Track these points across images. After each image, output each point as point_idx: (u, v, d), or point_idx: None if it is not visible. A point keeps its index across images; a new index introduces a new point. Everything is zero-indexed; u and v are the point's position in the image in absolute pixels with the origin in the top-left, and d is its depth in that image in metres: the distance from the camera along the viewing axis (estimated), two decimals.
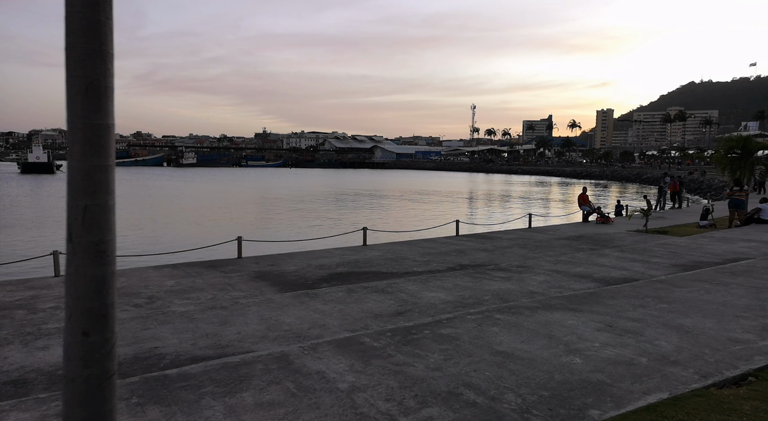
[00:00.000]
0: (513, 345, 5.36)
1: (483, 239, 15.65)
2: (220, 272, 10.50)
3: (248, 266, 11.25)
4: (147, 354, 5.34)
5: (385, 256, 12.38)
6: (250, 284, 9.05)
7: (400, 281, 8.84)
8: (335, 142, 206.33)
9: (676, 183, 25.47)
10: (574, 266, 10.29)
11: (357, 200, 44.84)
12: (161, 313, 6.76)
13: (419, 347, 5.25)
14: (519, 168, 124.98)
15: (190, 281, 9.25)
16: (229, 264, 11.42)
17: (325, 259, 12.10)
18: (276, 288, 8.79)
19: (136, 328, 6.14)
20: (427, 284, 8.61)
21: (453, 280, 8.97)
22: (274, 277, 9.70)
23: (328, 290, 8.17)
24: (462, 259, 11.79)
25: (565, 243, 14.24)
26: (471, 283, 8.76)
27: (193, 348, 5.53)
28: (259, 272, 10.17)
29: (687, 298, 7.35)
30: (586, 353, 5.15)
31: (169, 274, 10.18)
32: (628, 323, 6.12)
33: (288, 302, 7.43)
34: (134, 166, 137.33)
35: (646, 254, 11.61)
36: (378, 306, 7.27)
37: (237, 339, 5.84)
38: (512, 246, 13.71)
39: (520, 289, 8.35)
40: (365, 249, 13.63)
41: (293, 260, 11.89)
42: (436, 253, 12.68)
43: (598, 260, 10.95)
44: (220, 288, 8.73)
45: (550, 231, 17.40)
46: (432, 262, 11.41)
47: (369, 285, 8.56)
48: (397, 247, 13.99)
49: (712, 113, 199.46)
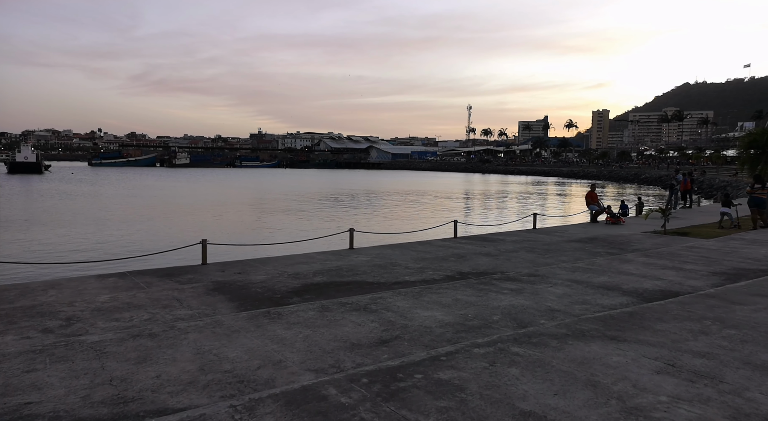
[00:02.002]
0: (543, 400, 3.70)
1: (484, 241, 14.00)
2: (174, 282, 8.81)
3: (211, 274, 9.56)
4: (6, 418, 3.64)
5: (373, 261, 10.71)
6: (203, 300, 7.35)
7: (388, 295, 7.17)
8: (330, 142, 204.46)
9: (687, 181, 23.88)
10: (595, 274, 8.64)
11: (348, 200, 43.16)
12: (65, 344, 5.06)
13: (407, 405, 3.58)
14: (516, 168, 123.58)
15: (131, 295, 7.55)
16: (189, 272, 9.73)
17: (303, 265, 10.43)
18: (233, 304, 7.10)
19: (16, 369, 4.44)
20: (420, 299, 6.94)
21: (452, 293, 7.31)
22: (235, 289, 8.01)
23: (296, 308, 6.49)
24: (462, 265, 10.14)
25: (577, 246, 12.60)
26: (475, 297, 7.10)
27: (81, 405, 3.83)
28: (219, 283, 8.48)
29: (758, 320, 5.70)
30: (654, 414, 3.49)
31: (111, 285, 8.48)
32: (695, 361, 4.47)
33: (241, 325, 5.75)
34: (126, 167, 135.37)
35: (675, 260, 9.97)
36: (357, 331, 5.60)
37: (152, 387, 4.15)
38: (518, 250, 12.06)
39: (536, 305, 6.69)
40: (351, 253, 11.96)
41: (265, 267, 10.21)
42: (431, 258, 11.02)
43: (621, 266, 9.31)
44: (164, 305, 7.03)
45: (557, 232, 15.77)
46: (427, 269, 9.75)
47: (349, 301, 6.89)
48: (388, 251, 12.33)
49: (708, 114, 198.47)
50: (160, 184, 66.23)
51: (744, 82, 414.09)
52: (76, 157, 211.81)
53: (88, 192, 49.76)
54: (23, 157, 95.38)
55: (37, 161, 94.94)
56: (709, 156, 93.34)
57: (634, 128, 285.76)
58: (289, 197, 45.78)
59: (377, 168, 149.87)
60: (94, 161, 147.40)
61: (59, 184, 62.38)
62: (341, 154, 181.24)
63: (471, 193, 55.53)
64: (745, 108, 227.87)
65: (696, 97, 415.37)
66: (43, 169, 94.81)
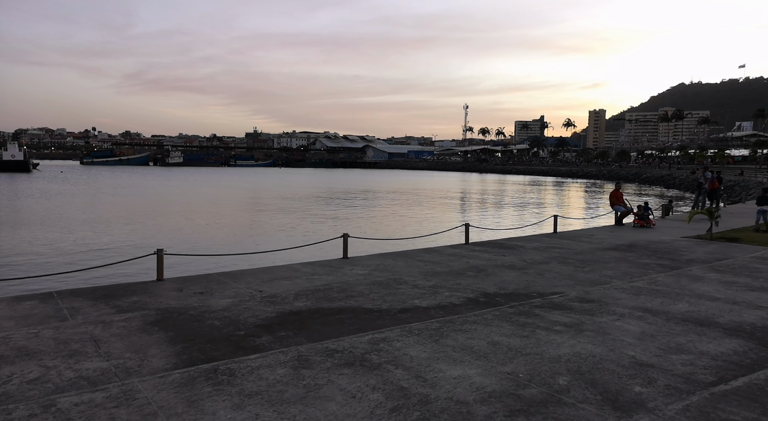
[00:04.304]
0: None
1: (502, 248, 11.87)
2: (110, 307, 6.64)
3: (163, 295, 7.39)
4: None
5: (372, 276, 8.58)
6: (133, 341, 5.19)
7: (395, 335, 5.05)
8: (326, 141, 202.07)
9: (714, 180, 21.81)
10: (668, 299, 6.53)
11: (343, 200, 40.98)
12: None
13: None
14: (513, 168, 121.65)
15: (33, 332, 5.39)
16: (137, 292, 7.55)
17: (284, 281, 8.29)
18: (172, 351, 4.94)
19: None
20: (441, 343, 4.82)
21: (485, 330, 5.20)
22: (185, 321, 5.86)
23: (260, 362, 4.35)
24: (484, 282, 8.01)
25: (617, 256, 10.48)
26: (518, 337, 4.98)
27: None
28: (167, 311, 6.33)
29: None
30: None
31: (24, 312, 6.30)
32: None
33: (163, 402, 3.60)
34: (118, 166, 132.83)
35: (759, 276, 7.87)
36: (349, 413, 3.47)
37: None
38: (548, 261, 9.93)
39: (613, 355, 4.58)
40: (344, 265, 9.80)
41: (236, 284, 8.06)
42: (444, 272, 8.88)
43: (695, 287, 7.20)
44: (71, 351, 4.87)
45: (583, 237, 13.65)
46: (441, 288, 7.62)
47: (339, 346, 4.76)
48: (389, 261, 10.18)
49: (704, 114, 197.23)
50: (147, 183, 63.82)
51: (739, 83, 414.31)
52: (68, 155, 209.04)
53: (69, 191, 47.40)
54: (10, 155, 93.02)
55: (24, 160, 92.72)
56: (713, 155, 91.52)
57: (631, 128, 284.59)
58: (278, 197, 43.57)
59: (373, 167, 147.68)
60: (85, 160, 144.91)
61: (44, 182, 60.01)
62: (337, 154, 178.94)
63: (472, 193, 53.41)
64: (740, 108, 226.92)
65: (691, 98, 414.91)
66: (30, 167, 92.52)
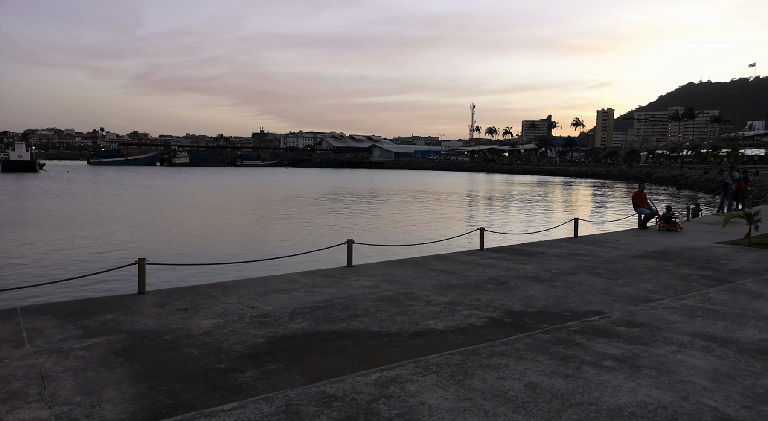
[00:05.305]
0: None
1: (520, 255, 10.88)
2: (77, 329, 5.74)
3: (140, 313, 6.46)
4: None
5: (380, 289, 7.62)
6: (87, 378, 4.25)
7: (407, 375, 4.08)
8: (333, 141, 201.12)
9: (741, 180, 20.67)
10: (731, 323, 5.52)
11: (349, 202, 40.03)
12: None
13: None
14: (521, 167, 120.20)
15: None
16: (112, 308, 6.63)
17: (281, 295, 7.35)
18: (132, 393, 3.99)
19: None
20: (466, 385, 3.85)
21: (519, 367, 4.22)
22: (157, 349, 4.92)
23: (236, 417, 3.39)
24: (507, 298, 7.03)
25: (652, 265, 9.46)
26: (562, 378, 4.00)
27: None
28: (139, 335, 5.39)
29: None
30: None
31: None
32: None
33: None
34: (125, 166, 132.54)
35: None
36: None
37: None
38: (575, 271, 8.93)
39: (689, 406, 3.59)
40: (349, 275, 8.84)
41: (226, 298, 7.13)
42: (460, 284, 7.90)
43: (760, 306, 6.19)
44: (7, 394, 3.93)
45: (608, 243, 12.61)
46: (458, 305, 6.65)
47: (339, 391, 3.79)
48: (398, 270, 9.22)
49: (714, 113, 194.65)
50: (152, 183, 63.18)
51: (749, 82, 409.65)
52: (76, 156, 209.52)
53: (72, 190, 46.74)
54: (17, 155, 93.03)
55: (31, 160, 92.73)
56: (726, 155, 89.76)
57: (640, 127, 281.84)
58: (283, 198, 42.70)
59: (380, 167, 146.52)
60: (92, 160, 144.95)
61: (49, 182, 59.54)
62: (343, 154, 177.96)
63: (481, 193, 52.31)
64: (751, 107, 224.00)
65: (701, 97, 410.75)
66: (37, 167, 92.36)
